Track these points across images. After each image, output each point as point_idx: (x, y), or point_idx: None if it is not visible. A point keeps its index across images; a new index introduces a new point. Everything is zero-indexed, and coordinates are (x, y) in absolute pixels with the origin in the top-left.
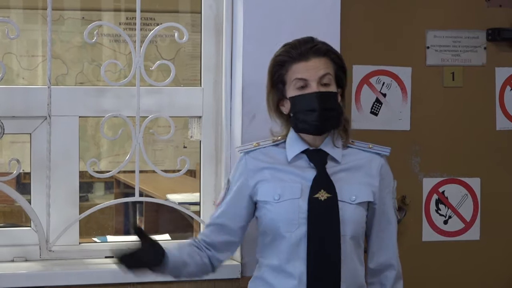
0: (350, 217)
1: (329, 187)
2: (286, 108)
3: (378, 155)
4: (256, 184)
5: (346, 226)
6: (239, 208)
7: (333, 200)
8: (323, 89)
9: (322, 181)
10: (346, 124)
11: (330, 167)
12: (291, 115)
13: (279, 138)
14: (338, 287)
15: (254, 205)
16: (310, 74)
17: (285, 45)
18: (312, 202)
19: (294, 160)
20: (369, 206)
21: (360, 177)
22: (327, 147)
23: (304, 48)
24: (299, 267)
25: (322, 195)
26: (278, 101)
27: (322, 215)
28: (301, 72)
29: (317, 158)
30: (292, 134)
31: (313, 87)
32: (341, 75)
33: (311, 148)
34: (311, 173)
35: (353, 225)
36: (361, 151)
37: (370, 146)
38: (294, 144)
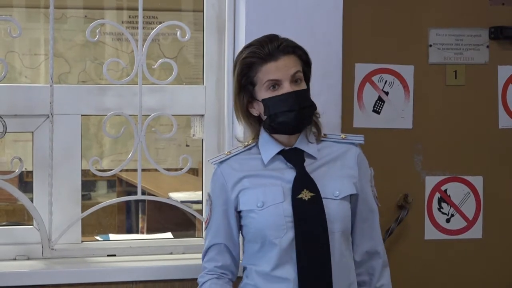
0: (337, 213)
1: (312, 185)
2: (256, 109)
3: (352, 144)
4: (237, 195)
5: (333, 223)
6: (230, 222)
7: (317, 199)
8: (295, 87)
9: (304, 180)
10: (316, 118)
11: (308, 165)
12: (265, 117)
13: (249, 142)
14: (330, 285)
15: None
16: (281, 73)
17: (248, 46)
18: (296, 203)
19: (271, 163)
20: (352, 198)
21: (339, 170)
22: (302, 144)
23: (272, 47)
24: (291, 271)
25: (306, 194)
26: (247, 103)
27: (308, 215)
28: (273, 73)
29: (294, 157)
30: (264, 136)
31: (286, 86)
32: (306, 70)
33: (286, 148)
34: (290, 174)
35: (340, 221)
36: (335, 143)
37: (343, 136)
38: (268, 147)
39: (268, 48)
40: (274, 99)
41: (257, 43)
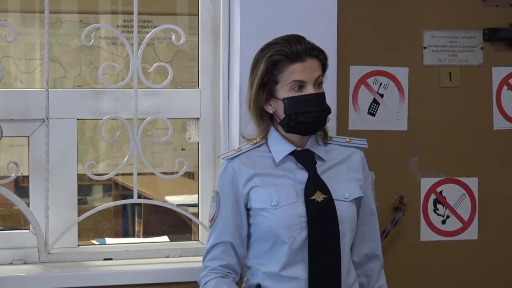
0: (347, 215)
1: (324, 187)
2: (272, 107)
3: (357, 148)
4: (248, 192)
5: (344, 225)
6: (239, 219)
7: (330, 200)
8: (317, 90)
9: (316, 182)
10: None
11: (318, 166)
12: (282, 115)
13: (258, 140)
14: (339, 285)
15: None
16: (307, 75)
17: (273, 44)
18: (310, 204)
19: (282, 163)
20: (356, 201)
21: (346, 173)
22: (313, 146)
23: (300, 48)
24: (302, 271)
25: (319, 196)
26: (264, 100)
27: (321, 216)
28: (299, 74)
29: (306, 158)
30: (274, 135)
31: (310, 89)
32: (323, 74)
33: (298, 149)
34: (301, 175)
35: (350, 223)
36: (340, 147)
37: (348, 140)
38: (280, 146)
39: (296, 48)
40: (297, 98)
41: (283, 41)
